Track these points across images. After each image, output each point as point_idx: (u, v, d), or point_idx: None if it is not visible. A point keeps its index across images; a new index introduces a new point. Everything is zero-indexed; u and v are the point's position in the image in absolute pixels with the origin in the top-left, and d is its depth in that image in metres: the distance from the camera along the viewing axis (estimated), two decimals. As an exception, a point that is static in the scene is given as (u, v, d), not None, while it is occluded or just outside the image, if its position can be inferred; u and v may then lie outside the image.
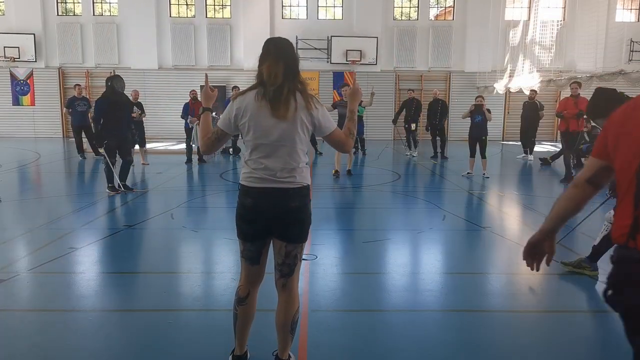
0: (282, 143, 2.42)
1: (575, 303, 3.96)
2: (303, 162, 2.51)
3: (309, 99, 2.45)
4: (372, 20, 19.19)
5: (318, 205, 7.41)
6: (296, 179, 2.48)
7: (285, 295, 2.66)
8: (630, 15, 20.03)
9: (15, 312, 3.61)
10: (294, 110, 2.39)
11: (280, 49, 2.48)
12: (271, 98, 2.38)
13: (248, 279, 2.70)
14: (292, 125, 2.40)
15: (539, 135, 19.37)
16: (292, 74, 2.45)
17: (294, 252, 2.61)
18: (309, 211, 2.59)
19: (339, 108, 10.09)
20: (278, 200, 2.46)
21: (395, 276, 4.39)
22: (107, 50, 19.62)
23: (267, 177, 2.45)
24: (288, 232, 2.56)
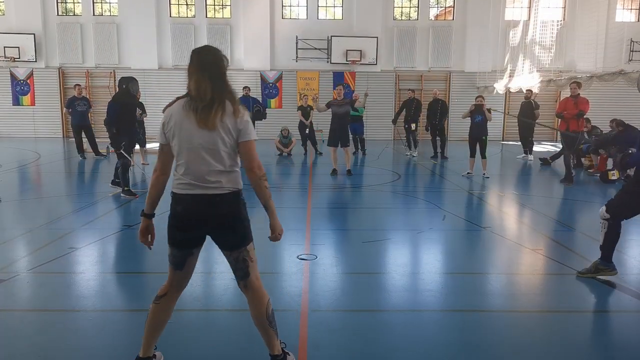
0: (205, 146, 2.44)
1: (576, 303, 3.96)
2: (231, 166, 2.51)
3: (237, 107, 2.48)
4: (372, 20, 19.18)
5: (318, 205, 7.41)
6: (223, 184, 2.49)
7: (250, 294, 2.66)
8: (630, 15, 20.02)
9: (15, 312, 3.61)
10: (221, 119, 2.43)
11: (205, 63, 2.49)
12: (200, 112, 2.42)
13: (171, 282, 2.71)
14: (218, 132, 2.43)
15: (539, 135, 19.46)
16: (220, 85, 2.48)
17: (241, 257, 2.61)
18: (243, 216, 2.59)
19: (333, 107, 10.03)
20: (206, 208, 2.49)
21: (395, 276, 4.39)
22: (107, 50, 19.62)
23: (195, 182, 2.47)
24: (223, 240, 2.59)
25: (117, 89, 7.79)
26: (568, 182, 9.27)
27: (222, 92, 2.47)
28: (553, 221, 6.63)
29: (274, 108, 19.49)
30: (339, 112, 9.99)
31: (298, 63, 19.40)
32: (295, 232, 5.83)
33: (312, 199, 7.81)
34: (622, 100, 18.59)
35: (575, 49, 17.96)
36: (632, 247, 5.50)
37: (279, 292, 3.97)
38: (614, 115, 11.80)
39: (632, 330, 3.41)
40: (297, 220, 6.45)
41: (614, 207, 4.17)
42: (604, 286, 4.13)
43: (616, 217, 4.19)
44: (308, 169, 11.60)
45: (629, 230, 6.21)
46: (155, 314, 2.69)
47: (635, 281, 4.31)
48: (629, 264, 4.84)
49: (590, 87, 12.92)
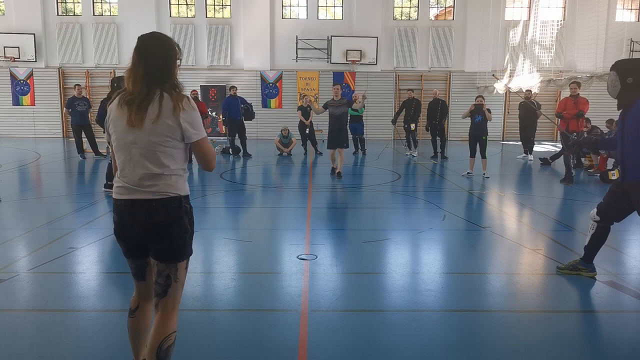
0: (139, 146, 2.22)
1: (576, 303, 3.96)
2: (172, 170, 2.26)
3: (179, 102, 2.20)
4: (372, 20, 19.19)
5: (318, 205, 7.42)
6: (160, 188, 2.24)
7: (157, 316, 2.36)
8: (630, 15, 20.02)
9: (15, 312, 3.61)
10: (156, 116, 2.18)
11: (146, 49, 2.22)
12: (131, 108, 2.20)
13: (139, 293, 2.51)
14: (152, 130, 2.19)
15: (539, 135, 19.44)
16: (160, 76, 2.22)
17: (165, 272, 2.32)
18: (184, 226, 2.32)
19: (331, 108, 9.76)
20: (140, 214, 2.26)
21: (395, 276, 4.39)
22: (107, 50, 19.62)
23: (130, 185, 2.26)
24: (155, 249, 2.31)
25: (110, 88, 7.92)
26: (568, 182, 9.27)
27: (160, 83, 2.21)
28: (553, 221, 6.63)
29: (274, 108, 19.51)
30: (336, 113, 9.73)
31: (298, 63, 19.40)
32: (295, 232, 5.83)
33: (312, 199, 7.82)
34: (622, 100, 18.57)
35: (575, 49, 17.95)
36: (632, 247, 5.50)
37: (279, 292, 3.98)
38: (614, 115, 11.80)
39: (632, 330, 3.41)
40: (297, 220, 6.45)
41: (603, 208, 4.19)
42: (604, 286, 4.14)
43: (606, 219, 4.20)
44: (308, 169, 11.60)
45: (629, 230, 6.21)
46: (134, 326, 2.51)
47: (635, 281, 4.31)
48: (629, 264, 4.84)
49: (590, 87, 12.92)
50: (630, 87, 3.84)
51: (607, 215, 4.17)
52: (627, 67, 3.91)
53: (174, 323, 2.37)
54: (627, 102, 3.89)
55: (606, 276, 4.35)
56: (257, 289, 4.09)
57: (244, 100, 13.40)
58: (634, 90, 3.83)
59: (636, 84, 3.82)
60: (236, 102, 13.00)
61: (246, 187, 9.40)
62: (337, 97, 9.80)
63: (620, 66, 3.95)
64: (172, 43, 2.30)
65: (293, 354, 2.96)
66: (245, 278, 4.36)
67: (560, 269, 4.44)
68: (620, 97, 3.93)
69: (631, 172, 3.88)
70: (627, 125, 3.87)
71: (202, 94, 18.49)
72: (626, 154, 3.91)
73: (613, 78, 3.95)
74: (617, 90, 3.93)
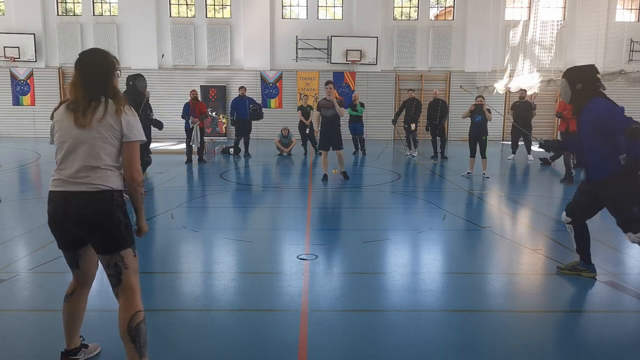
0: (81, 140, 2.43)
1: (576, 303, 3.96)
2: (108, 164, 2.46)
3: (121, 107, 2.47)
4: (372, 20, 19.19)
5: (318, 205, 7.41)
6: (93, 181, 2.43)
7: (120, 302, 2.55)
8: (630, 15, 20.02)
9: (15, 312, 3.61)
10: (101, 116, 2.43)
11: (85, 64, 2.51)
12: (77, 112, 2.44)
13: (76, 280, 2.71)
14: (95, 128, 2.42)
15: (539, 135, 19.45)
16: (100, 86, 2.49)
17: (112, 262, 2.49)
18: (118, 219, 2.47)
19: (322, 110, 9.33)
20: (72, 206, 2.44)
21: (395, 276, 4.39)
22: (107, 50, 19.57)
23: (65, 178, 2.45)
24: (94, 242, 2.51)
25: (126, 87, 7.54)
26: (568, 182, 9.27)
27: (100, 91, 2.47)
28: (553, 221, 6.63)
29: (274, 108, 19.51)
30: (327, 115, 9.29)
31: (298, 63, 19.41)
32: (295, 232, 5.84)
33: (312, 199, 7.82)
34: (622, 100, 18.31)
35: (575, 49, 17.91)
36: (632, 247, 5.49)
37: (278, 292, 3.98)
38: (614, 115, 11.79)
39: (632, 330, 3.41)
40: (297, 220, 6.45)
41: (571, 208, 4.32)
42: (604, 286, 4.14)
43: (576, 218, 4.29)
44: (308, 169, 11.60)
45: (629, 230, 6.22)
46: (68, 311, 2.71)
47: (635, 281, 4.31)
48: (629, 264, 4.84)
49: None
50: (579, 93, 4.07)
51: (576, 215, 4.31)
52: (576, 74, 4.14)
53: (137, 304, 2.54)
54: (578, 107, 4.12)
55: (606, 276, 4.35)
56: (257, 289, 4.09)
57: (252, 100, 13.42)
58: (584, 96, 4.05)
59: (584, 90, 4.04)
60: (243, 102, 13.01)
61: (246, 187, 9.39)
62: (329, 97, 9.20)
63: (569, 74, 4.19)
64: (110, 57, 2.59)
65: (293, 354, 2.96)
66: (245, 278, 4.36)
67: (561, 269, 4.45)
68: (572, 103, 4.18)
69: (593, 172, 4.07)
70: (582, 130, 4.08)
71: (202, 94, 18.49)
72: (586, 156, 4.11)
73: (564, 85, 4.18)
74: (569, 96, 4.16)
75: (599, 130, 3.95)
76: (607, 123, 3.88)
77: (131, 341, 2.48)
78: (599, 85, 4.09)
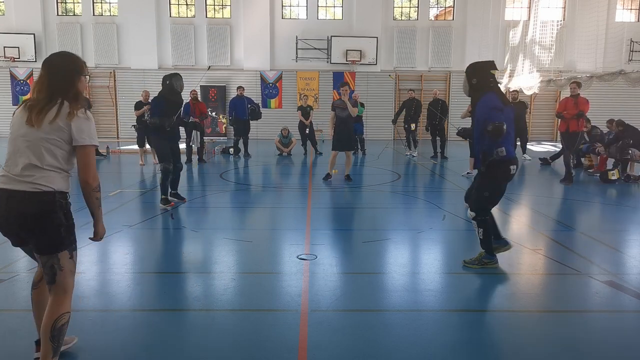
0: (28, 139, 2.44)
1: (576, 303, 3.96)
2: (52, 165, 2.47)
3: (74, 110, 2.47)
4: (372, 20, 19.19)
5: (318, 205, 7.41)
6: (35, 180, 2.43)
7: (50, 299, 2.58)
8: (630, 15, 20.02)
9: (15, 312, 3.61)
10: (53, 118, 2.44)
11: (50, 66, 2.54)
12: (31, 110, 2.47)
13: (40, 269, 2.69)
14: (44, 129, 2.44)
15: (540, 135, 19.47)
16: (62, 87, 2.50)
17: (48, 263, 2.52)
18: (58, 221, 2.49)
19: (337, 110, 9.21)
20: (13, 205, 2.44)
21: (395, 276, 4.39)
22: (107, 50, 19.63)
23: (10, 175, 2.45)
24: (33, 241, 2.51)
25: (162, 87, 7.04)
26: (568, 182, 9.27)
27: (62, 95, 2.49)
28: (553, 221, 6.63)
29: (274, 108, 19.51)
30: (342, 115, 9.18)
31: (298, 63, 19.41)
32: (295, 232, 5.83)
33: (312, 199, 7.82)
34: (622, 100, 18.60)
35: (575, 49, 17.97)
36: (632, 247, 5.50)
37: (279, 292, 3.98)
38: (614, 115, 11.81)
39: (632, 330, 3.41)
40: (297, 220, 6.45)
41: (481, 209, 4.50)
42: (604, 286, 4.13)
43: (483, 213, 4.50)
44: (308, 169, 11.60)
45: (629, 230, 6.23)
46: (37, 299, 2.75)
47: (635, 281, 4.31)
48: (629, 264, 4.84)
49: (590, 87, 12.93)
50: (475, 87, 4.44)
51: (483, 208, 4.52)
52: (472, 70, 4.51)
53: (66, 305, 2.58)
54: (474, 100, 4.47)
55: (606, 276, 4.35)
56: (257, 289, 4.09)
57: (251, 100, 13.40)
58: (478, 90, 4.41)
59: (479, 85, 4.41)
60: (242, 102, 13.01)
61: (246, 187, 9.39)
62: (344, 98, 9.10)
63: (468, 69, 4.55)
64: (76, 60, 2.60)
65: (293, 354, 2.96)
66: (245, 278, 4.35)
67: (467, 263, 4.56)
68: (469, 96, 4.55)
69: (477, 162, 4.46)
70: (475, 122, 4.43)
71: (202, 94, 18.49)
72: (476, 146, 4.48)
73: (464, 80, 4.57)
74: (467, 90, 4.54)
75: (481, 124, 4.29)
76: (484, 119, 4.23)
77: (51, 340, 2.51)
78: (493, 81, 4.40)
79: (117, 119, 19.79)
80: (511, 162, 4.35)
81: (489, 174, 4.34)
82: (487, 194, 4.39)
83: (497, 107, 4.25)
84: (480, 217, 4.46)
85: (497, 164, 4.28)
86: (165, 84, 6.94)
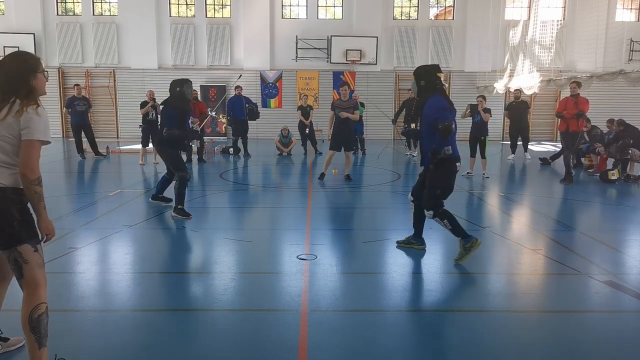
0: None
1: (576, 303, 3.96)
2: (3, 162, 2.54)
3: (24, 107, 2.53)
4: (372, 20, 19.19)
5: (318, 205, 7.41)
6: None
7: (24, 294, 2.68)
8: (630, 15, 20.02)
9: (16, 312, 3.61)
10: (4, 116, 2.51)
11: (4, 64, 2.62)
12: None
13: None
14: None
15: (540, 135, 19.47)
16: (13, 88, 2.56)
17: (11, 257, 2.60)
18: (12, 216, 2.55)
19: (337, 109, 9.13)
20: None
21: (395, 276, 4.39)
22: (107, 50, 19.62)
23: None
24: None
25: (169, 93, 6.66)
26: (568, 182, 9.27)
27: (14, 94, 2.55)
28: (553, 221, 6.63)
29: (274, 108, 19.51)
30: None
31: (298, 63, 19.40)
32: (295, 232, 5.84)
33: (312, 199, 7.81)
34: (622, 100, 18.61)
35: (575, 49, 17.95)
36: (632, 247, 5.50)
37: (279, 292, 3.98)
38: (614, 115, 11.81)
39: (632, 330, 3.41)
40: (297, 220, 6.45)
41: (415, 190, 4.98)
42: (604, 286, 4.13)
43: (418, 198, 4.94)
44: (308, 169, 11.60)
45: (629, 230, 6.23)
46: None
47: (635, 281, 4.31)
48: (629, 264, 4.84)
49: (590, 87, 12.91)
50: (423, 88, 4.72)
51: (418, 195, 4.93)
52: (420, 72, 4.80)
53: (40, 296, 2.65)
54: (422, 100, 4.73)
55: (606, 276, 4.35)
56: (257, 289, 4.09)
57: (249, 100, 13.38)
58: (426, 92, 4.68)
59: (426, 87, 4.69)
60: (240, 102, 13.00)
61: (246, 187, 9.39)
62: (344, 98, 9.10)
63: (416, 71, 4.84)
64: (28, 59, 2.66)
65: (293, 354, 2.96)
66: (245, 278, 4.35)
67: (399, 243, 5.01)
68: (418, 97, 4.84)
69: (425, 159, 4.71)
70: (422, 121, 4.70)
71: (202, 94, 18.48)
72: (422, 144, 4.76)
73: (413, 82, 4.86)
74: (416, 91, 4.83)
75: (429, 123, 4.53)
76: (434, 118, 4.44)
77: (31, 331, 2.60)
78: (438, 83, 4.66)
79: (117, 119, 19.79)
80: (456, 160, 4.66)
81: (438, 172, 4.62)
82: (439, 191, 4.66)
83: (445, 107, 4.53)
84: (437, 211, 4.70)
85: (444, 161, 4.57)
86: (175, 91, 6.54)
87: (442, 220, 4.71)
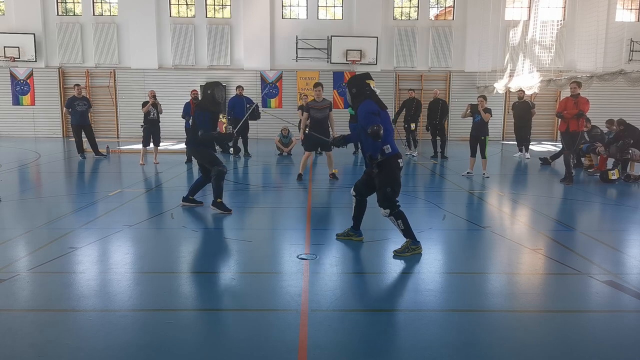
0: None
1: (576, 303, 3.96)
2: None
3: None
4: (372, 20, 19.19)
5: (318, 205, 7.41)
6: None
7: None
8: (630, 15, 20.02)
9: (15, 312, 3.61)
10: None
11: None
12: None
13: None
14: None
15: (540, 135, 19.46)
16: None
17: None
18: None
19: (312, 111, 8.96)
20: None
21: (395, 276, 4.39)
22: (107, 50, 19.62)
23: None
24: None
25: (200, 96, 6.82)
26: (568, 182, 9.27)
27: None
28: (553, 221, 6.63)
29: (274, 108, 19.51)
30: (318, 116, 9.01)
31: (298, 63, 19.40)
32: (295, 232, 5.84)
33: (312, 198, 7.81)
34: (622, 100, 18.62)
35: (575, 49, 17.95)
36: (632, 247, 5.50)
37: (279, 292, 3.98)
38: (614, 115, 11.81)
39: (632, 330, 3.41)
40: (297, 220, 6.45)
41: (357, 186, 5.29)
42: (604, 286, 4.14)
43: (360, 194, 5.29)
44: (308, 169, 11.59)
45: (629, 230, 6.23)
46: None
47: (635, 281, 4.31)
48: (629, 264, 4.84)
49: (590, 87, 12.92)
50: (355, 96, 4.97)
51: (360, 191, 5.27)
52: (351, 81, 5.04)
53: None
54: (355, 107, 4.96)
55: (606, 276, 4.35)
56: (257, 288, 4.09)
57: (249, 100, 13.38)
58: (357, 99, 4.93)
59: (357, 94, 4.94)
60: (241, 102, 13.00)
61: (246, 187, 9.39)
62: (318, 99, 9.05)
63: (349, 80, 5.08)
64: None
65: (293, 354, 2.96)
66: (245, 278, 4.35)
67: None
68: (351, 103, 5.03)
69: (367, 163, 4.89)
70: (360, 127, 4.86)
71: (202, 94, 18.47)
72: (363, 148, 5.00)
73: (347, 89, 5.11)
74: (349, 98, 5.04)
75: (363, 127, 4.75)
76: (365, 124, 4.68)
77: None
78: (369, 89, 4.91)
79: (117, 119, 19.80)
80: (398, 157, 4.89)
81: (383, 173, 4.86)
82: (389, 189, 4.89)
83: (374, 111, 4.76)
84: (393, 211, 4.88)
85: (386, 161, 4.80)
86: (207, 94, 6.60)
87: (396, 220, 4.92)
